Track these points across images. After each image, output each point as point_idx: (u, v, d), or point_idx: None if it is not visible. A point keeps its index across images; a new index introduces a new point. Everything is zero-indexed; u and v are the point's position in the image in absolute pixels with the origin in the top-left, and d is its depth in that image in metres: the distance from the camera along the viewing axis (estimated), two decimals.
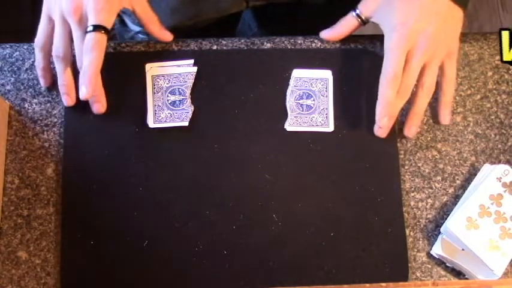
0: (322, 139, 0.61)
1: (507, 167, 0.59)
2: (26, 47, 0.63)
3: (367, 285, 0.49)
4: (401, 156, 0.62)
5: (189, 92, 0.61)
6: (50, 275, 0.57)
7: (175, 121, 0.60)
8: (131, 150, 0.60)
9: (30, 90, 0.62)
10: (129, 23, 0.76)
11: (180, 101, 0.61)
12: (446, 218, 0.60)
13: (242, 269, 0.57)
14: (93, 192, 0.58)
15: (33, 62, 0.62)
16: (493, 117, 0.64)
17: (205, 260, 0.57)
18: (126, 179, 0.59)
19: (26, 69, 0.62)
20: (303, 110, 0.62)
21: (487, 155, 0.63)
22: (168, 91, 0.61)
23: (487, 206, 0.57)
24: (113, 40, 0.63)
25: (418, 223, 0.60)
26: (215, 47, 0.64)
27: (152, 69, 0.62)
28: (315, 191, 0.60)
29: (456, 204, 0.60)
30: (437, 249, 0.59)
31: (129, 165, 0.59)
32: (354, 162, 0.60)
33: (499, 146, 0.63)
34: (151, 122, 0.60)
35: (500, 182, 0.58)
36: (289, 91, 0.62)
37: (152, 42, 0.64)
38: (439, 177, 0.62)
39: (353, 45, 0.65)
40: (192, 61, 0.62)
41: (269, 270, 0.57)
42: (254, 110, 0.61)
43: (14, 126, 0.61)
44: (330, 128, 0.61)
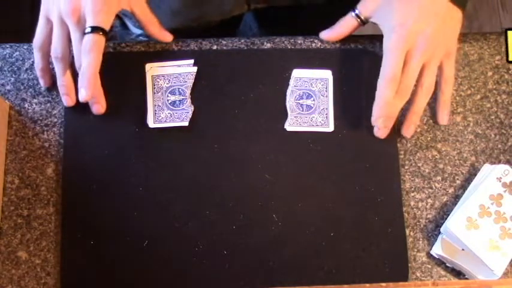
0: (322, 139, 0.61)
1: (507, 167, 0.59)
2: (26, 47, 0.63)
3: (367, 285, 0.49)
4: (401, 156, 0.62)
5: (189, 92, 0.61)
6: (50, 275, 0.57)
7: (175, 121, 0.60)
8: (131, 150, 0.60)
9: (30, 90, 0.62)
10: (130, 25, 0.76)
11: (180, 101, 0.61)
12: (446, 218, 0.60)
13: (242, 269, 0.57)
14: (93, 192, 0.58)
15: (33, 62, 0.62)
16: (493, 117, 0.64)
17: (205, 260, 0.57)
18: (126, 179, 0.59)
19: (26, 69, 0.62)
20: (303, 110, 0.62)
21: (487, 155, 0.63)
22: (168, 91, 0.61)
23: (487, 206, 0.57)
24: (112, 41, 0.63)
25: (418, 223, 0.60)
26: (215, 47, 0.64)
27: (152, 69, 0.62)
28: (315, 191, 0.60)
29: (456, 204, 0.60)
30: (437, 249, 0.59)
31: (129, 165, 0.59)
32: (354, 162, 0.60)
33: (499, 146, 0.63)
34: (151, 122, 0.60)
35: (500, 182, 0.58)
36: (289, 91, 0.62)
37: (152, 42, 0.64)
38: (439, 177, 0.62)
39: (353, 45, 0.65)
40: (192, 61, 0.62)
41: (269, 270, 0.57)
42: (254, 110, 0.61)
43: (14, 126, 0.61)
44: (330, 128, 0.61)
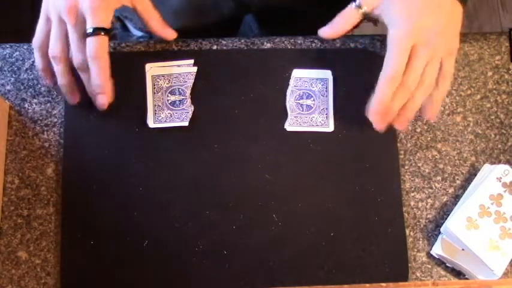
0: (322, 139, 0.61)
1: (507, 167, 0.59)
2: (26, 47, 0.63)
3: (367, 285, 0.49)
4: (401, 156, 0.62)
5: (189, 92, 0.61)
6: (50, 275, 0.57)
7: (175, 121, 0.60)
8: (131, 150, 0.60)
9: (30, 90, 0.62)
10: (131, 28, 0.76)
11: (180, 101, 0.61)
12: (446, 218, 0.60)
13: (242, 269, 0.57)
14: (93, 192, 0.58)
15: (33, 62, 0.62)
16: (493, 117, 0.64)
17: (205, 260, 0.57)
18: (126, 179, 0.59)
19: (26, 69, 0.62)
20: (303, 110, 0.62)
21: (487, 155, 0.63)
22: (168, 91, 0.61)
23: (487, 206, 0.57)
24: (113, 40, 0.63)
25: (418, 223, 0.60)
26: (215, 47, 0.64)
27: (152, 69, 0.62)
28: (315, 191, 0.60)
29: (456, 204, 0.60)
30: (437, 249, 0.59)
31: (129, 165, 0.59)
32: (354, 162, 0.60)
33: (499, 146, 0.63)
34: (151, 122, 0.60)
35: (500, 182, 0.58)
36: (289, 91, 0.62)
37: (152, 42, 0.64)
38: (439, 177, 0.62)
39: (353, 45, 0.65)
40: (192, 61, 0.62)
41: (269, 270, 0.57)
42: (254, 110, 0.61)
43: (14, 126, 0.61)
44: (330, 128, 0.61)
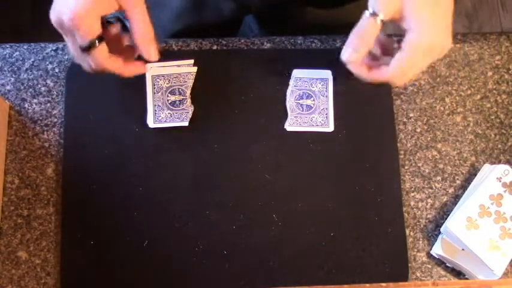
0: (322, 139, 0.61)
1: (507, 167, 0.59)
2: (26, 47, 0.63)
3: (367, 285, 0.49)
4: (401, 156, 0.62)
5: (189, 92, 0.61)
6: (50, 275, 0.57)
7: (175, 121, 0.60)
8: (131, 150, 0.60)
9: (30, 90, 0.62)
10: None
11: (180, 101, 0.61)
12: (446, 218, 0.60)
13: (242, 269, 0.57)
14: (93, 192, 0.58)
15: (33, 62, 0.62)
16: (493, 117, 0.64)
17: (205, 260, 0.57)
18: (126, 179, 0.59)
19: (26, 69, 0.62)
20: (303, 110, 0.61)
21: (487, 155, 0.63)
22: (168, 91, 0.61)
23: (487, 206, 0.57)
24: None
25: (418, 223, 0.60)
26: (215, 47, 0.64)
27: (152, 69, 0.62)
28: (314, 191, 0.60)
29: (456, 204, 0.60)
30: (437, 249, 0.59)
31: (129, 165, 0.59)
32: (354, 162, 0.60)
33: (499, 146, 0.63)
34: (151, 122, 0.60)
35: (500, 182, 0.58)
36: (289, 91, 0.62)
37: None
38: (439, 177, 0.62)
39: None
40: (192, 61, 0.62)
41: (269, 270, 0.57)
42: (254, 110, 0.61)
43: (14, 126, 0.61)
44: (330, 128, 0.61)
